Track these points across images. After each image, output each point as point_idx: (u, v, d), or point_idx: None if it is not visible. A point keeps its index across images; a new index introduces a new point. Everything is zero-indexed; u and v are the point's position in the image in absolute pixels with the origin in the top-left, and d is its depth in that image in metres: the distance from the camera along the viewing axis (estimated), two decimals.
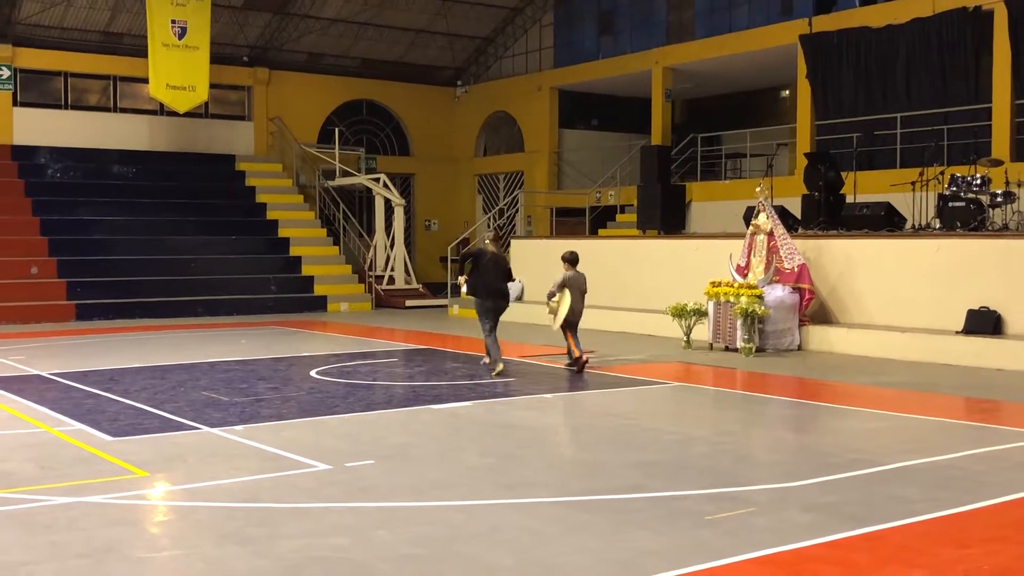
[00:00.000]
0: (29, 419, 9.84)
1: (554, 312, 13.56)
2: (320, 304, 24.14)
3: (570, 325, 13.37)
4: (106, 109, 26.98)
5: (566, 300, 13.34)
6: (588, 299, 13.86)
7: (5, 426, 9.53)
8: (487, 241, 13.99)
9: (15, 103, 25.54)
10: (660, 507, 6.63)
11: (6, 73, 25.26)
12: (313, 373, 13.10)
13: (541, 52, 29.53)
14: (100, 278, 22.28)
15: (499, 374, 12.78)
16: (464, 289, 13.50)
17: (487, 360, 13.32)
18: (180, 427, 9.37)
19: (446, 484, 7.28)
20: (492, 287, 13.30)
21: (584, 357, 13.21)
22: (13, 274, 21.60)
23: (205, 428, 9.30)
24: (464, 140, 31.95)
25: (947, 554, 5.70)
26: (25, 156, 25.22)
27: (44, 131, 25.70)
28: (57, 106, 26.34)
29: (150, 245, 23.86)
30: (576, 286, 13.46)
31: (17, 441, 8.79)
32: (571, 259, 13.61)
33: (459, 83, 31.61)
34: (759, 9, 23.83)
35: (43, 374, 13.00)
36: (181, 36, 24.94)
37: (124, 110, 27.13)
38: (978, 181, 15.57)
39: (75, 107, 26.62)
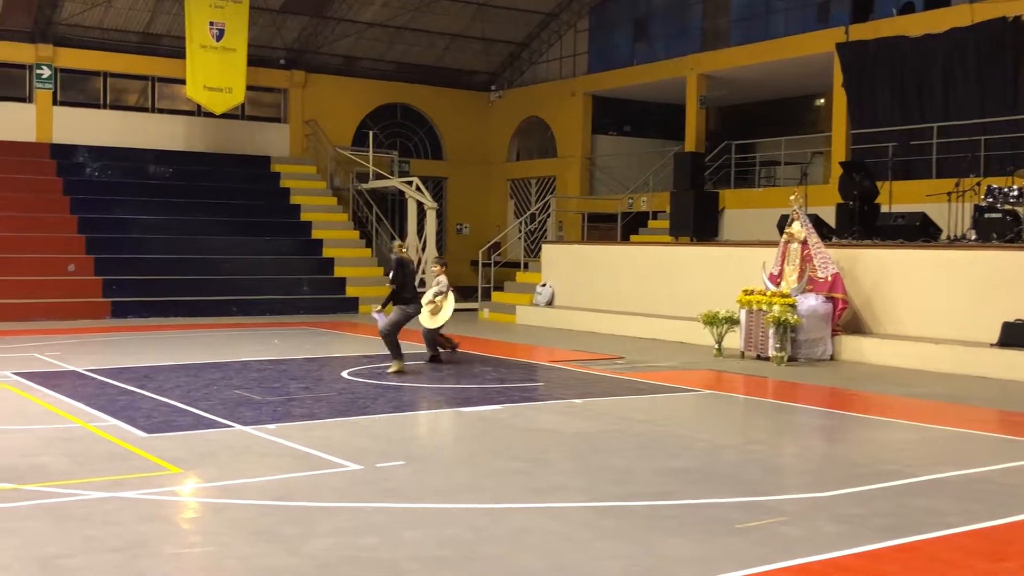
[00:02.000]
0: (65, 414, 9.96)
1: (437, 312, 14.31)
2: (352, 305, 24.25)
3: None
4: (144, 109, 27.27)
5: (450, 302, 14.31)
6: (621, 305, 14.04)
7: (41, 421, 9.65)
8: (403, 250, 14.26)
9: (55, 102, 25.86)
10: (690, 514, 6.61)
11: (47, 72, 25.58)
12: (344, 374, 13.17)
13: (575, 58, 29.53)
14: (136, 276, 22.50)
15: (397, 372, 13.13)
16: (384, 308, 13.67)
17: (396, 366, 13.33)
18: (213, 425, 9.45)
19: (475, 487, 7.30)
20: (417, 294, 14.02)
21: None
22: (51, 271, 21.87)
23: (238, 426, 9.38)
24: (497, 144, 32.00)
25: (980, 567, 5.65)
26: (64, 155, 25.52)
27: (83, 130, 25.99)
28: (96, 106, 26.64)
29: (185, 244, 24.07)
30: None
31: (53, 436, 8.90)
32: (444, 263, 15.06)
33: (493, 88, 31.67)
34: (795, 17, 23.73)
35: (79, 370, 13.15)
36: (219, 38, 25.15)
37: (162, 110, 27.41)
38: (1015, 192, 15.42)
39: (114, 107, 26.92)
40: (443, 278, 14.53)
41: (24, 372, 12.79)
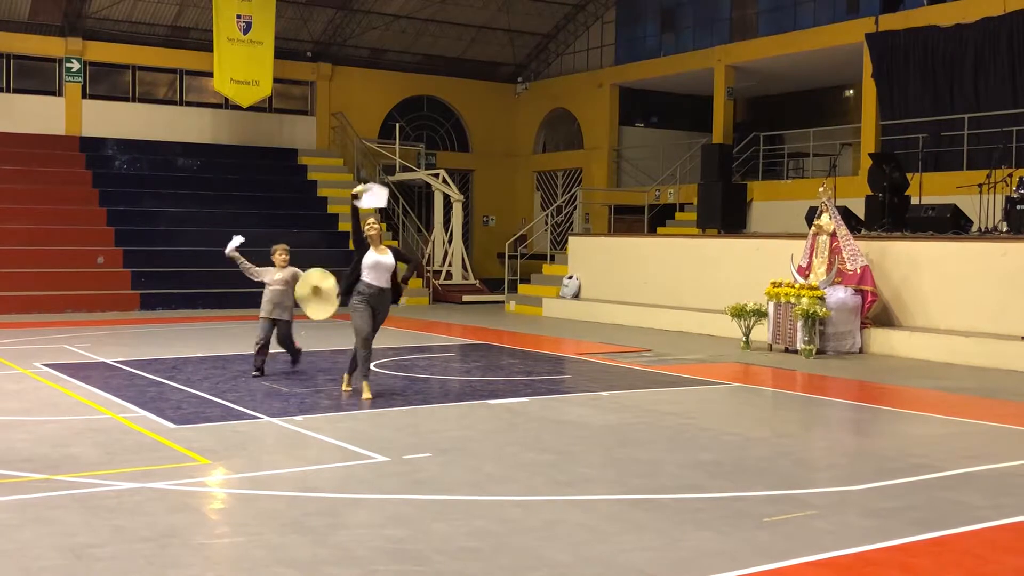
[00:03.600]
0: (94, 405, 10.04)
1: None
2: None
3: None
4: (172, 102, 27.42)
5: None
6: (648, 297, 13.72)
7: (71, 412, 9.73)
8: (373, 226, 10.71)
9: (84, 95, 26.05)
10: (719, 508, 6.58)
11: (76, 66, 25.76)
12: (372, 366, 13.17)
13: (602, 49, 29.43)
14: (164, 269, 22.63)
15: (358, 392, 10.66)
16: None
17: (349, 387, 10.99)
18: (241, 416, 9.50)
19: (503, 478, 7.30)
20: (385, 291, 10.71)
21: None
22: (80, 263, 22.04)
23: (266, 418, 9.41)
24: (523, 137, 31.97)
25: (1013, 562, 5.59)
26: (93, 148, 25.70)
27: (112, 123, 26.18)
28: (125, 99, 26.82)
29: (213, 237, 24.10)
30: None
31: (83, 426, 8.96)
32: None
33: (519, 80, 31.64)
34: (824, 7, 23.54)
35: (108, 361, 13.25)
36: (246, 31, 25.25)
37: (190, 103, 27.56)
38: None
39: (142, 100, 27.09)
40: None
41: (54, 363, 12.90)
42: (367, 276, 10.42)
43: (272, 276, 12.62)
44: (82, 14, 25.63)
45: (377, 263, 10.46)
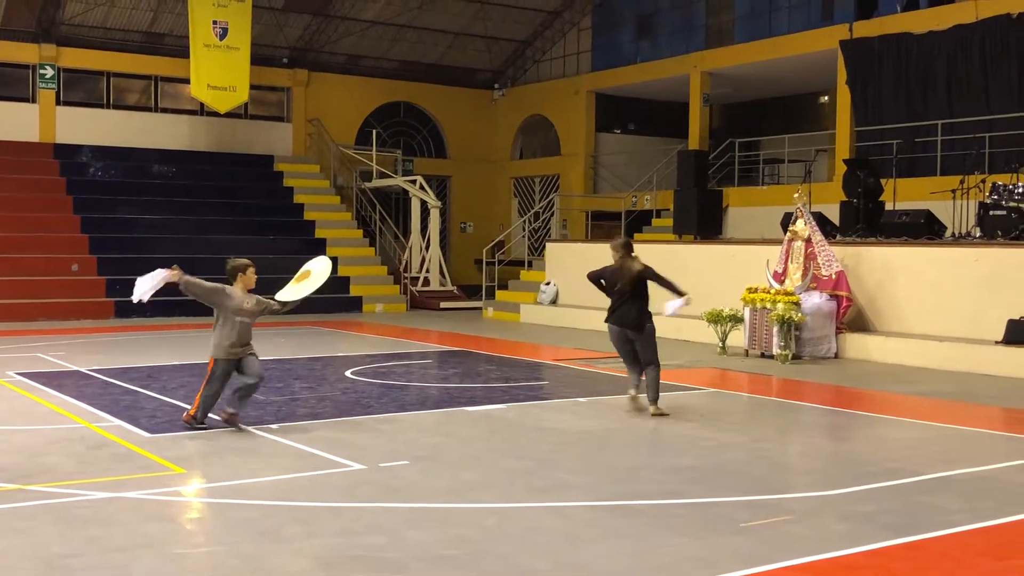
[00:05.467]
0: (68, 414, 9.95)
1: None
2: (355, 305, 24.23)
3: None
4: (147, 109, 27.27)
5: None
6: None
7: (45, 421, 9.64)
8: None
9: (58, 102, 25.86)
10: (696, 513, 6.59)
11: (49, 72, 25.58)
12: (348, 373, 13.15)
13: (579, 56, 29.50)
14: (139, 276, 22.36)
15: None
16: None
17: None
18: (216, 425, 9.43)
19: (480, 485, 7.28)
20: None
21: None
22: (54, 271, 21.87)
23: (241, 426, 9.34)
24: (501, 143, 31.98)
25: (988, 565, 5.63)
26: (67, 155, 25.52)
27: (86, 130, 25.99)
28: (99, 105, 26.64)
29: (189, 244, 24.04)
30: None
31: (57, 436, 8.89)
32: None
33: (496, 86, 31.65)
34: (799, 14, 23.68)
35: (83, 370, 13.15)
36: (222, 37, 25.15)
37: (165, 110, 27.41)
38: (1020, 189, 15.36)
39: (117, 107, 26.92)
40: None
41: (28, 372, 12.78)
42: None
43: (241, 302, 9.57)
44: (56, 20, 25.45)
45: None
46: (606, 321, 10.59)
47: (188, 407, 9.49)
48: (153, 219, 24.41)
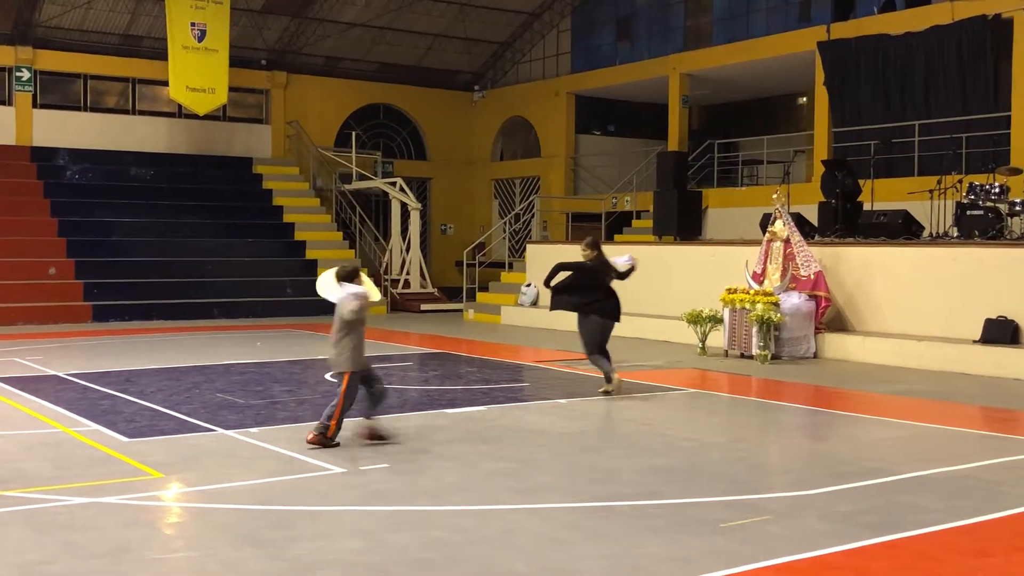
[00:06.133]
0: (46, 419, 9.88)
1: None
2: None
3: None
4: (125, 111, 27.12)
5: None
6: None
7: (22, 426, 9.57)
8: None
9: (35, 105, 25.69)
10: (676, 514, 6.60)
11: (26, 75, 25.42)
12: (328, 376, 13.09)
13: (558, 57, 29.53)
14: (117, 280, 22.37)
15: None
16: None
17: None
18: (195, 429, 9.39)
19: (460, 488, 7.27)
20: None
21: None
22: (32, 275, 21.72)
23: (220, 430, 9.31)
24: (481, 145, 31.98)
25: (966, 563, 5.65)
26: (44, 157, 25.36)
27: (63, 133, 25.84)
28: (76, 108, 26.49)
29: (167, 247, 23.95)
30: None
31: (34, 441, 8.82)
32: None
33: (476, 88, 31.64)
34: (777, 16, 23.79)
35: (60, 374, 13.06)
36: (201, 39, 25.04)
37: (143, 112, 27.27)
38: (996, 190, 15.49)
39: (94, 109, 26.77)
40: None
41: (5, 377, 12.68)
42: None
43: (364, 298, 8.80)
44: (32, 22, 25.28)
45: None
46: (589, 315, 11.18)
47: (166, 410, 9.42)
48: (131, 222, 24.28)
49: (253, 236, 25.42)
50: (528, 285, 22.36)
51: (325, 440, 8.45)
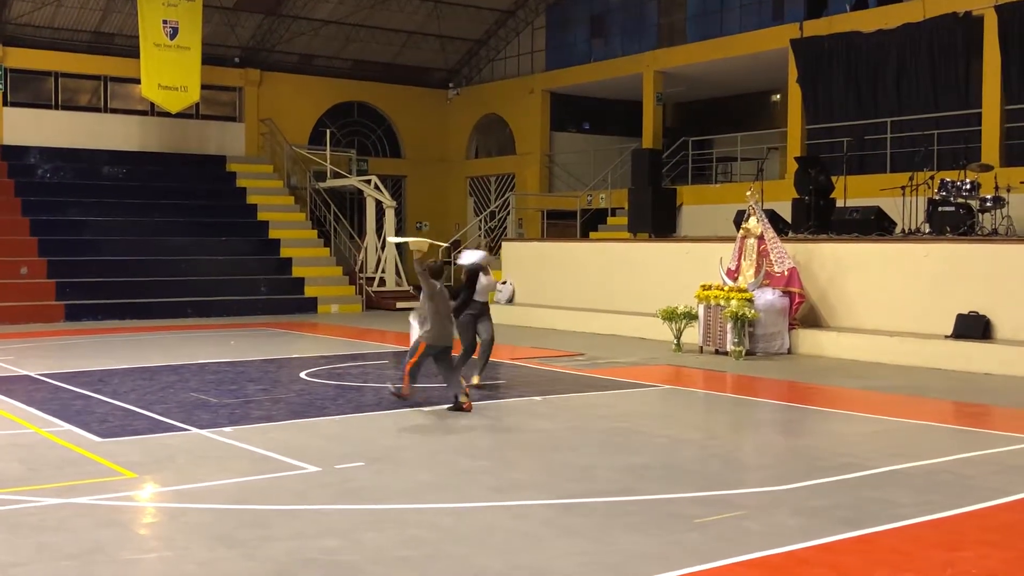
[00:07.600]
0: (18, 420, 9.79)
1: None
2: (310, 305, 24.09)
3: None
4: (97, 109, 26.91)
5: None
6: (581, 301, 13.77)
7: None
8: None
9: (5, 103, 25.45)
10: (650, 510, 6.62)
11: None
12: (303, 375, 13.07)
13: (533, 55, 29.54)
14: (90, 279, 22.20)
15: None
16: None
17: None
18: (169, 428, 9.34)
19: (436, 486, 7.27)
20: None
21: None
22: (2, 274, 21.50)
23: (194, 429, 9.27)
24: (456, 142, 31.95)
25: (938, 557, 5.70)
26: (15, 156, 25.13)
27: (34, 131, 25.61)
28: (47, 106, 26.26)
29: (140, 246, 23.79)
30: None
31: (5, 442, 8.75)
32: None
33: (451, 85, 31.61)
34: (750, 13, 23.89)
35: (32, 375, 12.95)
36: (173, 36, 24.87)
37: (115, 110, 27.07)
38: (968, 186, 15.62)
39: (65, 107, 26.54)
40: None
41: None
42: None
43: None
44: (1, 20, 25.04)
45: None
46: (474, 315, 12.08)
47: (139, 410, 9.36)
48: (104, 221, 24.10)
49: (227, 234, 25.28)
50: (504, 282, 22.35)
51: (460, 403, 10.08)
